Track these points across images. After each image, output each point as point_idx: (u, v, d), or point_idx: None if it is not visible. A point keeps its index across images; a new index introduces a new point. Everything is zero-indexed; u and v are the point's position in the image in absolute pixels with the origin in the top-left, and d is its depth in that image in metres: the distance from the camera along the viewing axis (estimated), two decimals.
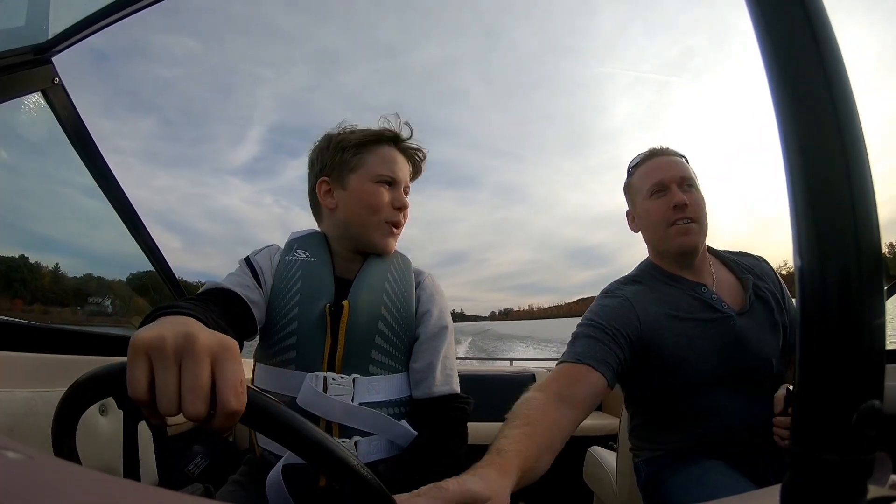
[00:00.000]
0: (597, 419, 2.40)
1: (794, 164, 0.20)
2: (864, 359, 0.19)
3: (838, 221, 0.19)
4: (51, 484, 0.21)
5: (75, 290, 3.74)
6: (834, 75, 0.20)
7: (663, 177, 0.93)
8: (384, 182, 0.81)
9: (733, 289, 0.95)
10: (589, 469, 1.51)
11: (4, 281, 3.53)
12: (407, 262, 0.88)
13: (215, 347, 0.38)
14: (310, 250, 0.82)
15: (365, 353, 0.75)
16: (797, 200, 0.20)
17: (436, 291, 0.86)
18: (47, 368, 0.91)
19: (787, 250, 0.21)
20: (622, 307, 0.88)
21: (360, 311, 0.76)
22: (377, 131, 0.84)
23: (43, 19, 0.98)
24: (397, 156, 0.84)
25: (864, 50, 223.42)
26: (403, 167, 0.85)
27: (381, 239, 0.82)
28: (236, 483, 0.77)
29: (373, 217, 0.81)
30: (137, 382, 0.36)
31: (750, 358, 0.87)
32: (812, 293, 0.20)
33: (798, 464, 0.20)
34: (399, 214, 0.83)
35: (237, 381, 0.38)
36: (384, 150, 0.83)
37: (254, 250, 0.84)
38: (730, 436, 0.85)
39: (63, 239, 2.92)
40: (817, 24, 0.20)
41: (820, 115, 0.20)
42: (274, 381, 0.75)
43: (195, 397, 0.36)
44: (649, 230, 0.97)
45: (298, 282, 0.78)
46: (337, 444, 0.41)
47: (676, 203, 0.90)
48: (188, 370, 0.37)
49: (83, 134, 1.16)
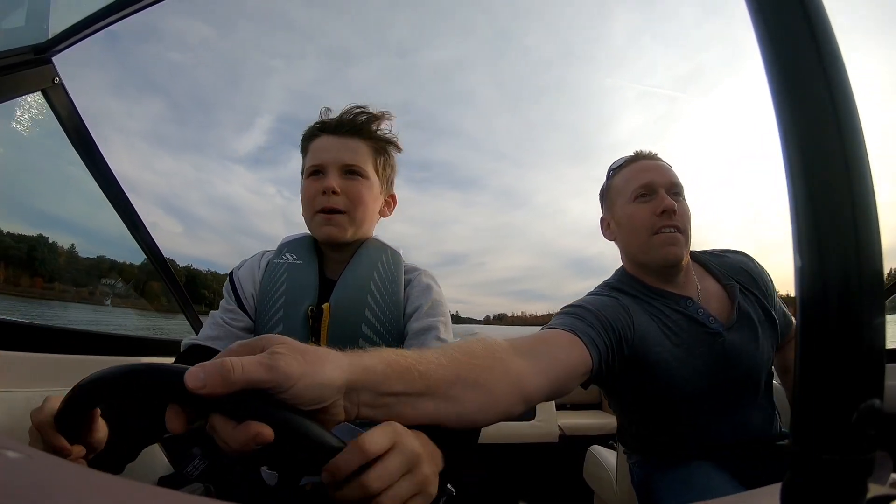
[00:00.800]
0: (597, 419, 2.41)
1: (794, 165, 0.20)
2: (864, 358, 0.19)
3: (838, 221, 0.19)
4: (51, 484, 0.21)
5: (88, 270, 3.77)
6: (834, 76, 0.20)
7: (651, 179, 0.86)
8: (312, 174, 0.81)
9: (720, 300, 0.88)
10: (589, 468, 1.52)
11: (27, 260, 3.58)
12: (398, 260, 0.84)
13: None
14: (297, 253, 0.83)
15: None
16: (797, 201, 0.20)
17: (427, 288, 0.81)
18: (47, 368, 0.91)
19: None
20: (617, 305, 0.81)
21: (341, 313, 0.74)
22: (307, 129, 0.85)
23: (43, 19, 0.98)
24: (323, 141, 0.82)
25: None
26: (331, 148, 0.81)
27: (317, 230, 0.80)
28: (234, 485, 0.78)
29: (308, 212, 0.81)
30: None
31: (740, 373, 0.82)
32: (812, 293, 0.20)
33: (798, 463, 0.20)
34: (326, 200, 0.78)
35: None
36: (314, 143, 0.83)
37: (241, 261, 0.87)
38: (717, 445, 0.83)
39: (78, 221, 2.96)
40: (817, 24, 0.20)
41: (820, 116, 0.20)
42: None
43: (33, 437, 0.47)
44: (629, 237, 0.89)
45: (283, 284, 0.78)
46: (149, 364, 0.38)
47: (665, 208, 0.82)
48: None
49: (83, 134, 1.16)
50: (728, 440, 0.83)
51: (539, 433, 2.01)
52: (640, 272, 0.89)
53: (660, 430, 0.88)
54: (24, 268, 3.46)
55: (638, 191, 0.87)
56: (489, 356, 0.52)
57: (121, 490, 0.22)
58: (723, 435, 0.83)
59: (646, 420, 0.91)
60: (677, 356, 0.80)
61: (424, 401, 0.43)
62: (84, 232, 3.17)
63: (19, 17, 0.96)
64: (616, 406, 0.98)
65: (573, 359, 0.66)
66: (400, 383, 0.42)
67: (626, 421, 0.97)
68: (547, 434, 2.02)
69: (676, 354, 0.80)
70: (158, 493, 0.23)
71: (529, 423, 2.02)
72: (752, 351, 0.84)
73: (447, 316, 0.79)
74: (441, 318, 0.77)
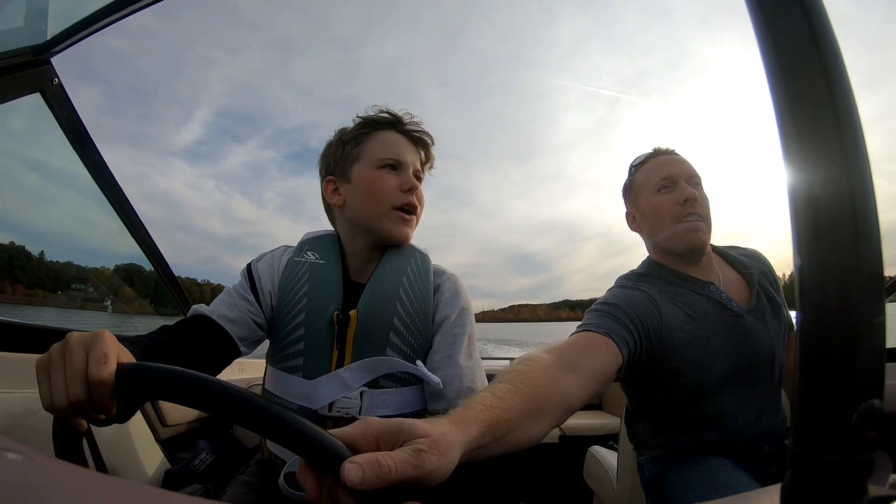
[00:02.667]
0: (597, 419, 2.41)
1: (794, 164, 0.20)
2: (864, 358, 0.19)
3: (838, 221, 0.19)
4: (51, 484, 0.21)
5: (59, 277, 3.79)
6: (834, 75, 0.20)
7: (672, 171, 0.91)
8: (387, 166, 0.76)
9: (739, 286, 0.93)
10: (589, 468, 1.51)
11: (7, 268, 3.60)
12: (426, 263, 0.80)
13: (87, 338, 0.43)
14: (320, 252, 0.78)
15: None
16: (797, 200, 0.20)
17: (456, 294, 0.79)
18: None
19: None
20: (645, 300, 0.84)
21: (369, 322, 0.71)
22: (373, 116, 0.80)
23: (42, 20, 0.98)
24: (399, 138, 0.79)
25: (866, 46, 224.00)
26: (408, 150, 0.79)
27: (391, 227, 0.76)
28: (245, 484, 0.75)
29: (380, 204, 0.75)
30: (44, 398, 0.42)
31: (760, 356, 0.86)
32: (812, 292, 0.20)
33: (798, 464, 0.20)
34: (409, 197, 0.76)
35: (101, 354, 0.42)
36: (383, 134, 0.79)
37: (260, 253, 0.82)
38: (739, 435, 0.84)
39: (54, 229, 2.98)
40: (817, 24, 0.20)
41: (820, 116, 0.20)
42: (282, 387, 0.73)
43: (74, 382, 0.41)
44: (655, 227, 0.93)
45: (305, 285, 0.74)
46: (247, 392, 0.37)
47: (687, 197, 0.88)
48: (68, 361, 0.42)
49: (82, 134, 1.16)
50: (749, 425, 0.84)
51: None
52: (666, 259, 0.94)
53: (681, 420, 0.89)
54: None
55: (660, 183, 0.92)
56: (547, 381, 0.59)
57: (121, 490, 0.22)
58: (744, 420, 0.84)
59: (666, 410, 0.91)
60: (701, 338, 0.84)
61: (506, 440, 0.49)
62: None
63: (18, 17, 0.96)
64: (635, 398, 0.98)
65: (609, 364, 0.71)
66: (490, 435, 0.46)
67: (642, 414, 0.97)
68: (547, 434, 2.02)
69: (700, 336, 0.84)
70: (158, 494, 0.23)
71: None
72: (771, 333, 0.88)
73: (473, 324, 0.78)
74: (468, 329, 0.76)
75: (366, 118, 0.81)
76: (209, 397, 0.37)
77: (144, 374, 0.41)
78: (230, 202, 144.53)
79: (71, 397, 0.41)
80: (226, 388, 0.37)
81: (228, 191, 35.08)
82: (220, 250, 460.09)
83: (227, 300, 0.74)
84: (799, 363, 0.20)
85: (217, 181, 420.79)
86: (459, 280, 0.82)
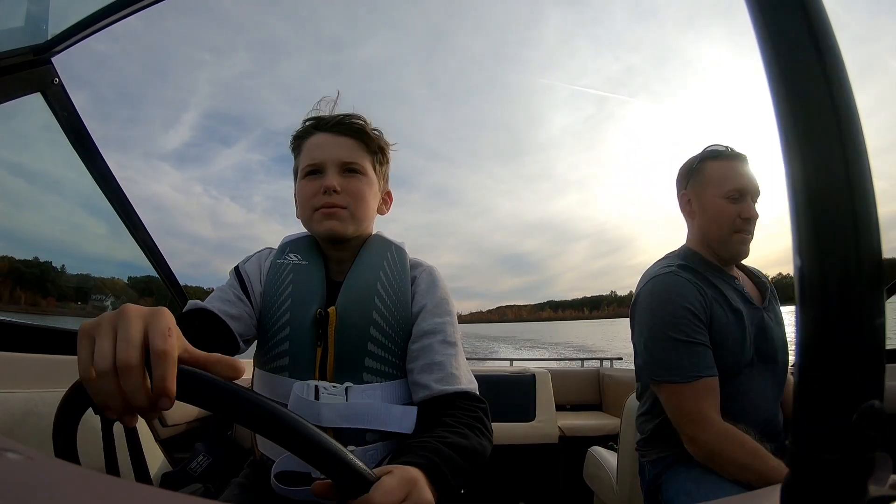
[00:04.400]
0: (597, 419, 2.41)
1: (794, 164, 0.20)
2: (864, 358, 0.19)
3: (838, 221, 0.19)
4: (51, 484, 0.21)
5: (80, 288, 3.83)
6: (834, 75, 0.20)
7: (745, 185, 0.99)
8: (310, 173, 0.78)
9: (752, 288, 1.05)
10: (589, 469, 1.51)
11: (41, 282, 3.66)
12: (403, 257, 0.82)
13: (146, 311, 0.40)
14: (301, 253, 0.80)
15: (357, 360, 0.72)
16: (797, 200, 0.20)
17: (432, 284, 0.79)
18: (47, 368, 0.91)
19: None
20: (702, 299, 0.94)
21: (348, 317, 0.72)
22: (300, 128, 0.82)
23: (43, 19, 0.98)
24: (321, 138, 0.79)
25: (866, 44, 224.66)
26: (330, 146, 0.78)
27: (317, 227, 0.77)
28: (239, 486, 0.75)
29: (305, 210, 0.78)
30: (83, 363, 0.37)
31: (773, 346, 0.96)
32: (812, 293, 0.20)
33: (798, 463, 0.20)
34: (325, 198, 0.75)
35: (165, 328, 0.38)
36: (309, 141, 0.80)
37: (245, 256, 0.83)
38: (748, 424, 0.87)
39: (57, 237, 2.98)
40: (817, 24, 0.20)
41: (820, 115, 0.20)
42: (269, 388, 0.73)
43: (127, 345, 0.36)
44: (711, 226, 1.01)
45: (289, 286, 0.76)
46: (288, 413, 0.39)
47: (749, 216, 0.98)
48: (121, 328, 0.38)
49: (83, 134, 1.16)
50: (760, 411, 0.92)
51: (539, 434, 2.00)
52: (708, 253, 1.04)
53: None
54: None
55: (732, 193, 0.99)
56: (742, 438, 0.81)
57: (121, 490, 0.22)
58: (756, 406, 0.92)
59: None
60: (732, 320, 0.95)
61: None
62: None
63: (19, 17, 0.96)
64: (651, 398, 1.01)
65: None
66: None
67: (655, 413, 0.99)
68: (547, 435, 2.02)
69: (731, 318, 0.95)
70: (158, 494, 0.23)
71: (529, 424, 2.02)
72: (780, 330, 1.00)
73: (453, 314, 0.78)
74: (447, 318, 0.77)
75: (295, 132, 0.83)
76: (249, 416, 0.38)
77: (200, 380, 0.39)
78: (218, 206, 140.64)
79: (120, 360, 0.36)
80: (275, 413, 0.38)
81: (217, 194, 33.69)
82: (209, 254, 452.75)
83: (224, 297, 0.74)
84: (799, 363, 0.20)
85: (205, 185, 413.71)
86: (437, 271, 0.83)
